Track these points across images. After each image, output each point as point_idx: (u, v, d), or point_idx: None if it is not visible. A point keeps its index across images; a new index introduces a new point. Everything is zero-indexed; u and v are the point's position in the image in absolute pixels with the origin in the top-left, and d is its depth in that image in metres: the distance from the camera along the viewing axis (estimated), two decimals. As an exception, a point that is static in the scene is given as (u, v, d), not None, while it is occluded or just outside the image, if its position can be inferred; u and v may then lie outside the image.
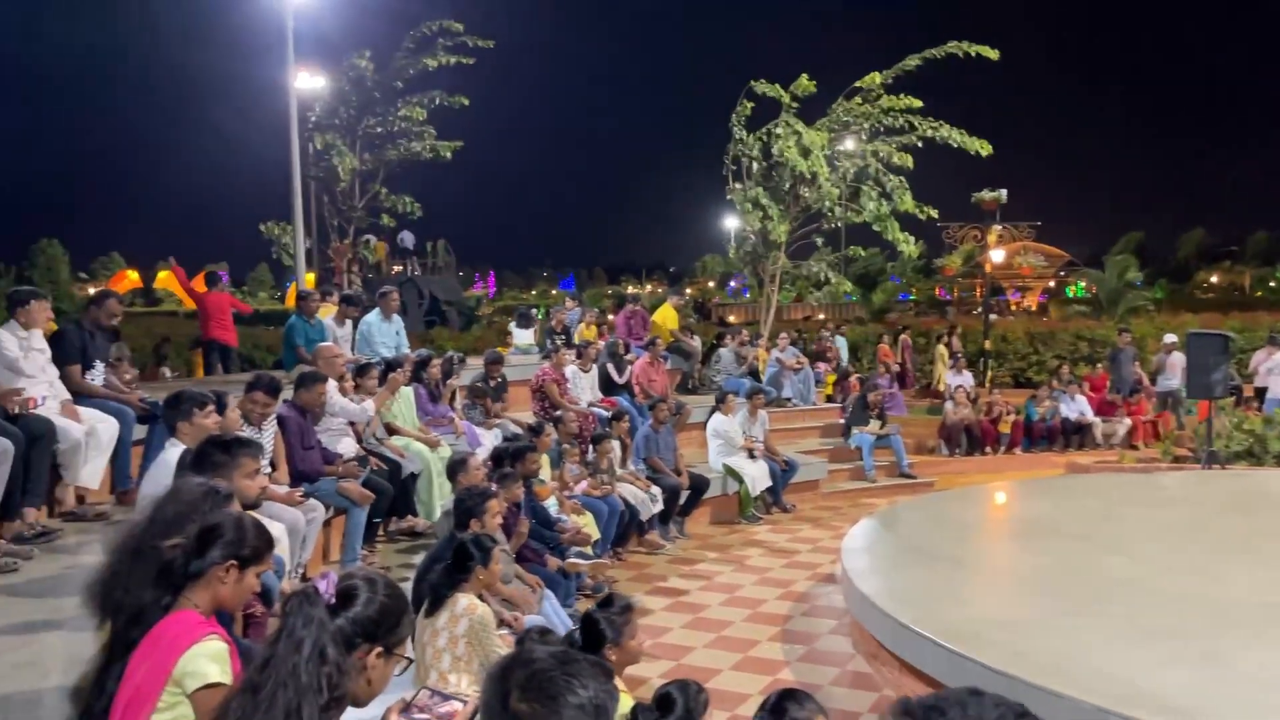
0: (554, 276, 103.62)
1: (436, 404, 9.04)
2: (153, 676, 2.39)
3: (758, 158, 16.13)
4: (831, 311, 36.06)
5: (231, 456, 3.72)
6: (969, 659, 4.93)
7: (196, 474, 3.50)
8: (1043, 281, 38.75)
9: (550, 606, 6.02)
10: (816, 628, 7.14)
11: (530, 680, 1.63)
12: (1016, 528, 8.94)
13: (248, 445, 3.89)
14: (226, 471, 3.64)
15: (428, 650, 4.37)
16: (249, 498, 3.67)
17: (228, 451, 3.74)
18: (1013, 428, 14.66)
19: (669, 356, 13.02)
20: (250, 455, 3.81)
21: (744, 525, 10.54)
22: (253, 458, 3.81)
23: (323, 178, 18.99)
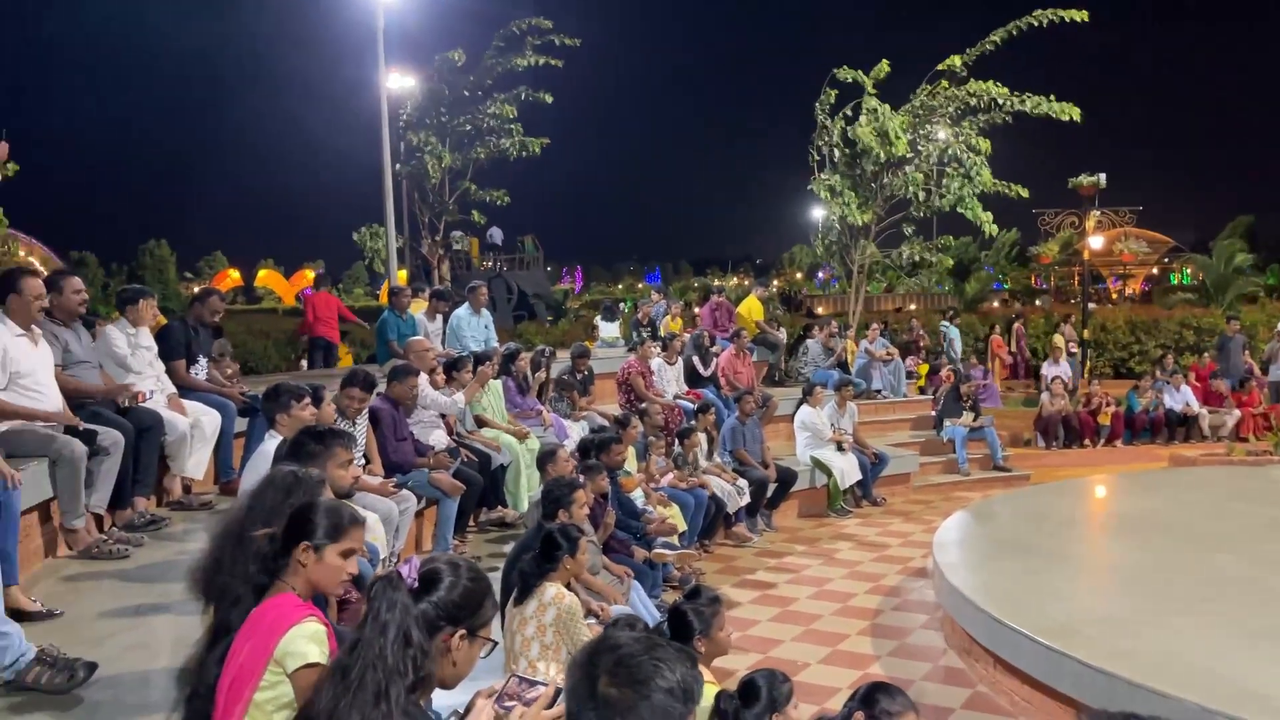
0: (640, 270, 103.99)
1: (525, 397, 9.15)
2: (255, 657, 2.48)
3: (839, 145, 15.90)
4: (923, 301, 35.36)
5: (325, 446, 3.82)
6: (1067, 656, 4.81)
7: (293, 463, 3.61)
8: (1145, 268, 37.33)
9: (637, 597, 6.05)
10: (907, 622, 7.03)
11: (618, 665, 1.63)
12: (1117, 522, 8.66)
13: (340, 435, 3.99)
14: (320, 461, 3.74)
15: (516, 638, 4.43)
16: (342, 486, 3.77)
17: (321, 441, 3.85)
18: (1113, 419, 14.19)
19: (754, 348, 12.95)
20: (343, 445, 3.91)
21: (833, 518, 10.42)
22: (345, 447, 3.91)
23: (414, 175, 19.35)
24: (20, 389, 5.01)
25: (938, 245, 19.44)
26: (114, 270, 67.49)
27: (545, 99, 19.11)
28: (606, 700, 1.61)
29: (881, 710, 2.95)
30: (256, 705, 2.46)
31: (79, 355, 5.63)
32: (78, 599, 4.59)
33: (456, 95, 19.17)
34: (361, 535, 2.86)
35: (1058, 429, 14.01)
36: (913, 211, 16.47)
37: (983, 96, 15.44)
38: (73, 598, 4.60)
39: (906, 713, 2.97)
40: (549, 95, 19.08)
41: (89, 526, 5.22)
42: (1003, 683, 5.53)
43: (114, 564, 5.08)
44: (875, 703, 2.98)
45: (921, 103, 15.84)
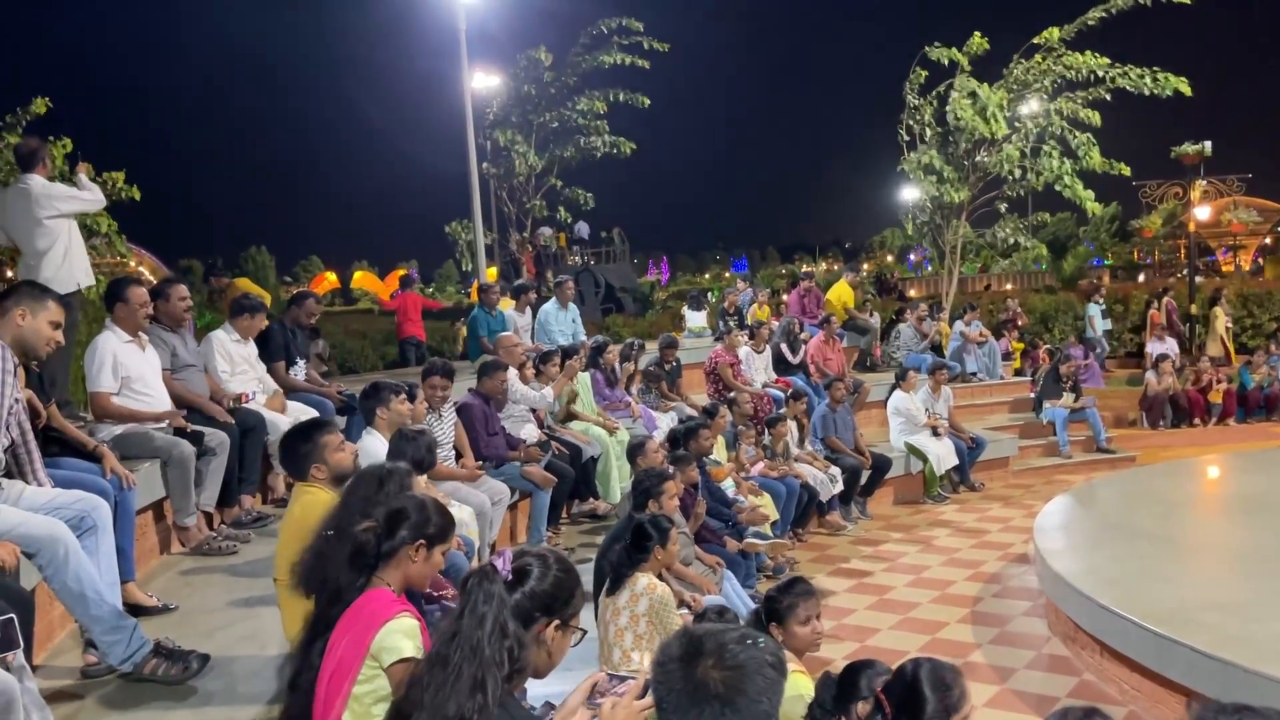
0: (726, 259, 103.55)
1: (614, 389, 9.20)
2: (352, 651, 2.56)
3: (931, 124, 15.55)
4: (1020, 280, 34.41)
5: (313, 442, 3.88)
6: (1178, 643, 4.64)
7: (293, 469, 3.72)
8: (1257, 238, 35.61)
9: (730, 587, 6.04)
10: (1009, 609, 6.87)
11: (722, 650, 1.66)
12: (1229, 503, 8.31)
13: (324, 425, 4.06)
14: (316, 454, 3.81)
15: (610, 628, 4.47)
16: (344, 468, 3.83)
17: (308, 438, 3.91)
18: (1225, 397, 13.60)
19: (844, 334, 12.78)
20: (329, 432, 3.96)
21: (929, 505, 10.24)
22: (332, 433, 3.96)
23: (501, 174, 19.61)
24: (131, 393, 5.25)
25: (1033, 223, 18.88)
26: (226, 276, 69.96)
27: (643, 101, 19.11)
28: (708, 684, 1.63)
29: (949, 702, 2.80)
30: (355, 698, 2.54)
31: (185, 359, 5.86)
32: (191, 593, 4.79)
33: (543, 93, 19.34)
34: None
35: (1165, 408, 13.50)
36: (1007, 190, 16.04)
37: (1080, 70, 14.92)
38: (186, 592, 4.80)
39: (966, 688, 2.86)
40: (645, 99, 19.07)
41: (199, 524, 5.44)
42: (1110, 670, 5.37)
43: (224, 559, 5.29)
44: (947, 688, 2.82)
45: (1016, 78, 15.39)
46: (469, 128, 16.31)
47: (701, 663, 1.65)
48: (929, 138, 15.67)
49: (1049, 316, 19.78)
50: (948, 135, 15.48)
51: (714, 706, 1.62)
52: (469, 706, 2.03)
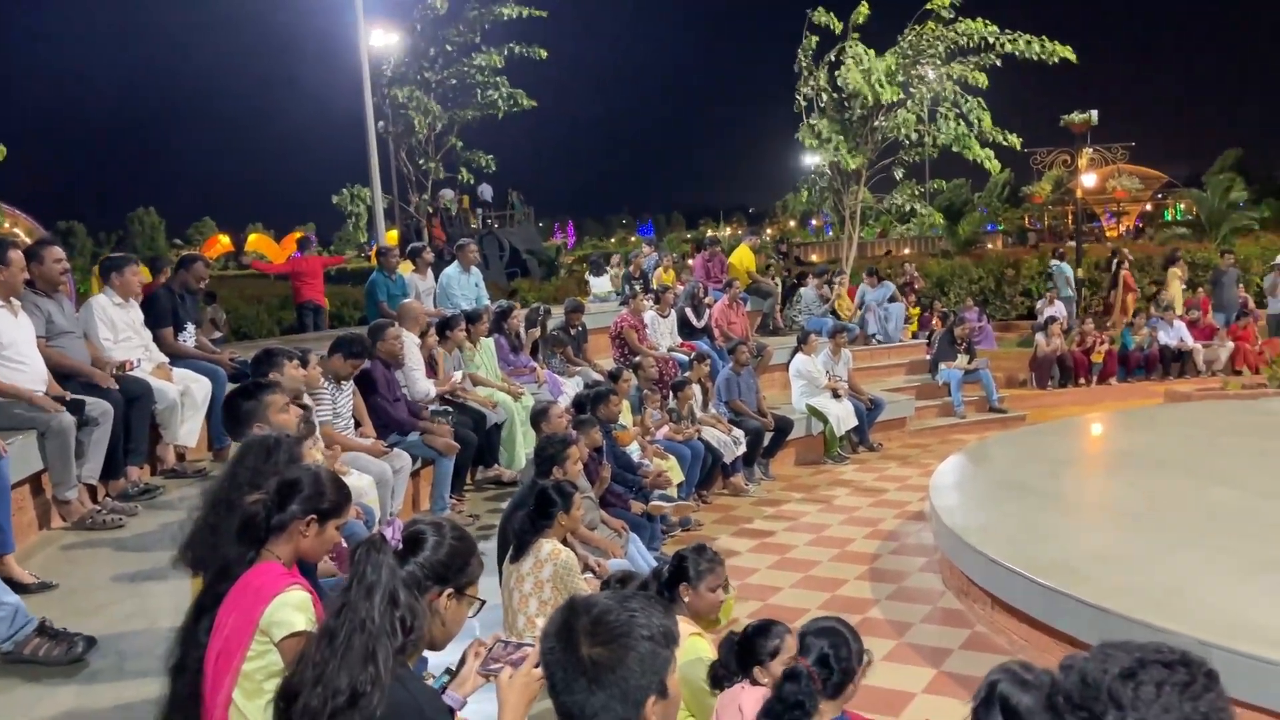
0: (632, 223, 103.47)
1: (518, 354, 9.12)
2: (241, 627, 2.47)
3: (827, 89, 15.70)
4: (917, 245, 35.17)
5: (258, 400, 3.76)
6: (1065, 594, 4.83)
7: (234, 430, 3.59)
8: (1139, 205, 37.11)
9: (635, 550, 6.06)
10: (906, 566, 7.07)
11: (597, 624, 1.63)
12: (1113, 460, 8.68)
13: (269, 386, 3.94)
14: (259, 414, 3.70)
15: (514, 595, 4.44)
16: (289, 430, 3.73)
17: (253, 396, 3.79)
18: (1107, 357, 14.18)
19: (748, 298, 12.89)
20: (273, 392, 3.85)
21: (830, 465, 10.45)
22: (277, 394, 3.85)
23: (400, 133, 19.14)
24: (4, 361, 4.96)
25: (930, 189, 19.29)
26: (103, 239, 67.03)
27: (539, 54, 18.84)
28: (593, 661, 1.60)
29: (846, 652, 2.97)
30: (246, 675, 2.46)
31: (62, 326, 5.56)
32: (73, 570, 4.58)
33: (441, 50, 18.90)
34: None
35: (1052, 369, 14.01)
36: (904, 155, 16.33)
37: (973, 36, 15.23)
38: (68, 569, 4.59)
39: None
40: (543, 50, 18.80)
41: (82, 497, 5.20)
42: (1000, 622, 5.57)
43: (109, 534, 5.07)
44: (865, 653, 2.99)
45: (910, 43, 15.63)
46: (366, 85, 15.84)
47: (580, 638, 1.62)
48: (825, 104, 15.83)
49: (945, 280, 20.31)
50: (843, 102, 15.66)
51: (588, 681, 1.60)
52: (361, 679, 1.97)
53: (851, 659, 3.00)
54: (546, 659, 1.67)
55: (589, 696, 1.60)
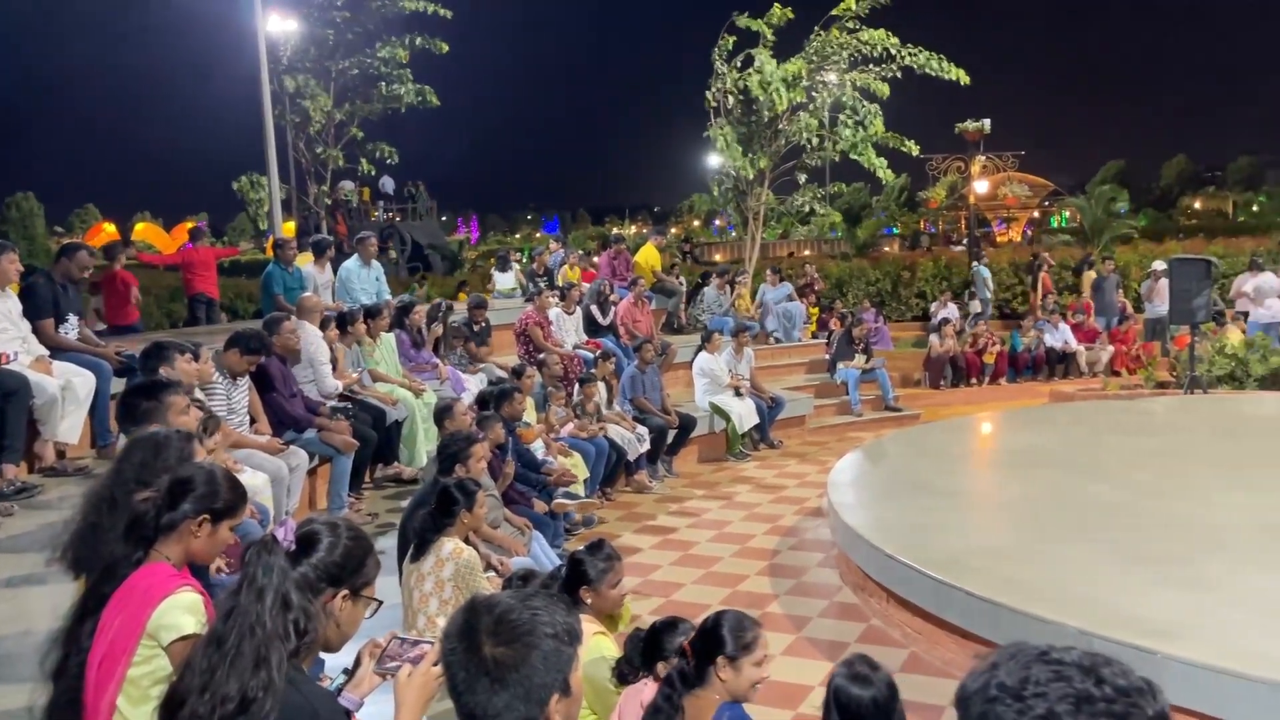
0: (538, 219, 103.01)
1: (420, 350, 8.98)
2: (127, 631, 2.36)
3: (734, 92, 15.88)
4: (818, 247, 35.90)
5: (158, 400, 3.62)
6: (955, 587, 4.97)
7: (129, 425, 3.44)
8: (1027, 212, 38.55)
9: (539, 547, 6.03)
10: (804, 561, 7.19)
11: (499, 624, 1.61)
12: (1002, 457, 8.99)
13: (170, 385, 3.80)
14: (159, 415, 3.56)
15: (414, 594, 4.37)
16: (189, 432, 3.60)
17: (153, 395, 3.64)
18: (998, 358, 14.69)
19: (653, 296, 12.95)
20: (174, 393, 3.71)
21: (732, 462, 10.57)
22: (178, 395, 3.72)
23: (297, 122, 18.65)
24: None
25: (830, 192, 19.69)
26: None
27: (441, 47, 18.57)
28: (496, 660, 1.58)
29: (742, 645, 2.99)
30: (131, 681, 2.36)
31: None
32: (-58, 574, 4.34)
33: (341, 39, 18.47)
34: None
35: (946, 369, 14.45)
36: (806, 159, 16.61)
37: (875, 46, 15.58)
38: (-64, 572, 4.34)
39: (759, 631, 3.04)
40: (444, 44, 18.54)
41: (-48, 497, 4.93)
42: (895, 616, 5.71)
43: (-18, 535, 4.82)
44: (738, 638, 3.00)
45: (816, 49, 15.91)
46: (263, 72, 15.34)
47: (482, 637, 1.60)
48: (732, 105, 16.01)
49: (844, 282, 20.77)
50: (749, 104, 15.86)
51: (490, 681, 1.58)
52: (252, 685, 1.91)
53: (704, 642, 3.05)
54: (448, 659, 1.65)
55: (491, 696, 1.58)
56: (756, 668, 3.01)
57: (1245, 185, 71.07)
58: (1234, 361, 11.97)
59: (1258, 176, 73.45)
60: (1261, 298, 14.11)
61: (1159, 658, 3.95)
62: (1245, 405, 10.45)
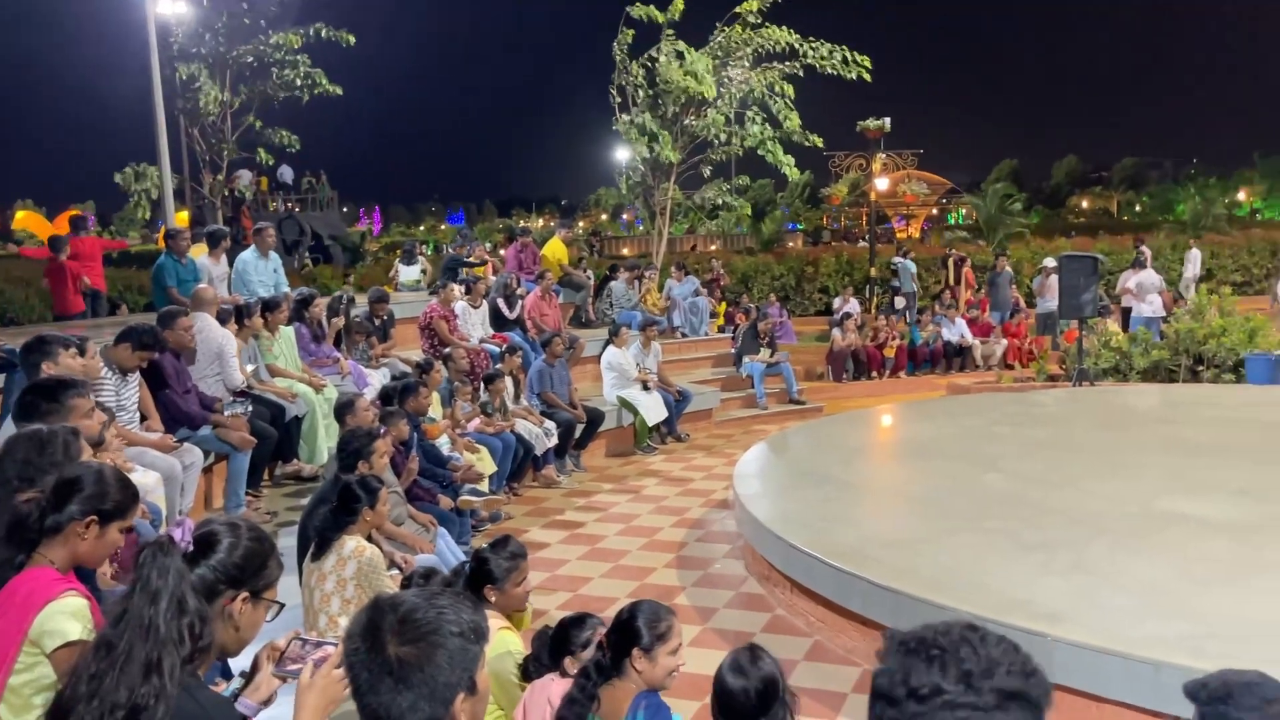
0: (442, 211, 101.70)
1: (320, 344, 8.78)
2: (7, 638, 2.26)
3: (643, 84, 15.93)
4: (724, 242, 36.25)
5: (59, 402, 3.46)
6: (857, 577, 5.08)
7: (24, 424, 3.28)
8: (926, 209, 39.59)
9: (444, 544, 5.96)
10: (711, 553, 7.27)
11: (404, 623, 1.59)
12: (901, 449, 9.22)
13: (73, 385, 3.64)
14: (60, 417, 3.40)
15: (315, 594, 4.28)
16: (93, 435, 3.44)
17: (54, 398, 3.48)
18: (897, 352, 15.07)
19: (560, 290, 12.91)
20: (79, 395, 3.56)
21: (640, 456, 10.61)
22: (82, 396, 3.56)
23: (190, 110, 18.02)
24: None
25: (736, 187, 19.91)
26: None
27: (347, 39, 18.11)
28: (400, 660, 1.55)
29: (655, 636, 3.02)
30: (12, 690, 2.25)
31: None
32: None
33: (236, 24, 17.90)
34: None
35: (847, 362, 14.75)
36: (712, 154, 16.76)
37: (779, 42, 15.81)
38: None
39: (674, 620, 3.07)
40: (350, 36, 18.09)
41: None
42: (799, 605, 5.81)
43: None
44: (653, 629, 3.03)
45: (720, 44, 16.05)
46: (154, 57, 14.80)
47: (386, 637, 1.58)
48: (640, 99, 16.05)
49: (749, 276, 21.04)
50: (658, 97, 15.92)
51: (395, 681, 1.56)
52: (143, 692, 1.84)
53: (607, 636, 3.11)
54: (350, 660, 1.62)
55: (396, 696, 1.56)
56: (672, 656, 3.04)
57: (1129, 185, 74.28)
58: (1118, 355, 12.50)
59: (1141, 177, 76.84)
60: (1144, 293, 14.75)
61: (1048, 640, 4.11)
62: (1129, 396, 10.93)
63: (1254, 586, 4.78)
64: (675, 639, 3.06)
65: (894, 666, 1.27)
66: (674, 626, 3.07)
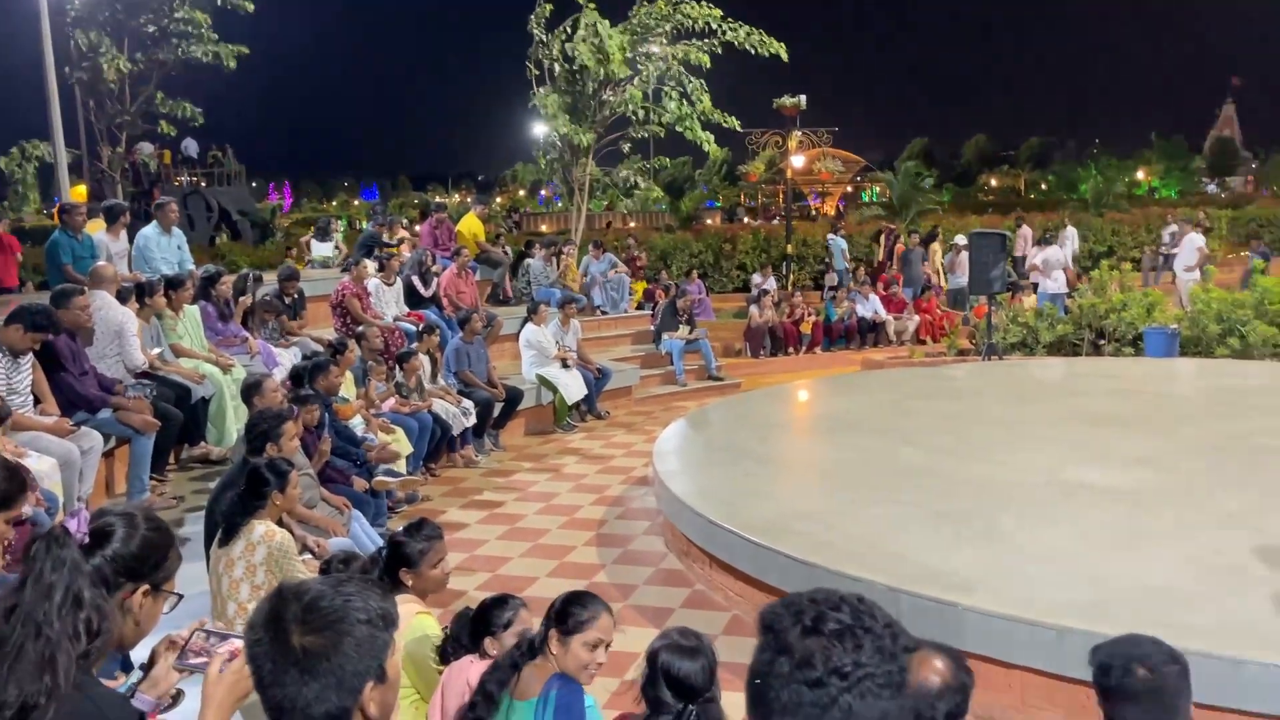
0: (355, 186, 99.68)
1: (227, 323, 8.51)
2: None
3: (559, 60, 15.75)
4: (642, 219, 36.23)
5: None
6: (775, 550, 5.13)
7: None
8: (841, 186, 40.06)
9: (359, 527, 5.85)
10: (631, 529, 7.27)
11: (309, 611, 1.53)
12: (818, 424, 9.35)
13: None
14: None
15: (223, 581, 4.15)
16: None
17: None
18: (813, 328, 15.25)
19: (477, 267, 12.73)
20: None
21: (559, 434, 10.56)
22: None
23: (87, 80, 17.26)
24: None
25: (655, 166, 19.88)
26: None
27: (246, 6, 17.53)
28: (306, 650, 1.49)
29: (575, 622, 3.00)
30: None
31: None
32: None
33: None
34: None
35: (765, 339, 14.89)
36: (631, 131, 16.68)
37: (697, 20, 15.77)
38: None
39: (599, 616, 3.04)
40: (249, 4, 17.51)
41: None
42: (718, 580, 5.85)
43: None
44: (569, 615, 3.02)
45: (639, 21, 15.95)
46: (45, 24, 14.10)
47: (290, 626, 1.52)
48: (558, 74, 15.87)
49: (668, 254, 21.06)
50: (574, 73, 15.76)
51: (300, 671, 1.50)
52: (33, 690, 1.74)
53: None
54: (253, 651, 1.55)
55: (301, 688, 1.50)
56: (587, 650, 3.01)
57: (1035, 164, 76.34)
58: (1025, 329, 12.85)
59: (1047, 156, 79.01)
60: (1049, 270, 15.17)
61: (959, 610, 4.21)
62: (1035, 370, 11.25)
63: (1150, 552, 4.97)
64: (595, 633, 3.02)
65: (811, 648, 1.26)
66: (596, 621, 3.03)
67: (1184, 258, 15.21)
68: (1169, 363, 11.04)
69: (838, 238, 19.61)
